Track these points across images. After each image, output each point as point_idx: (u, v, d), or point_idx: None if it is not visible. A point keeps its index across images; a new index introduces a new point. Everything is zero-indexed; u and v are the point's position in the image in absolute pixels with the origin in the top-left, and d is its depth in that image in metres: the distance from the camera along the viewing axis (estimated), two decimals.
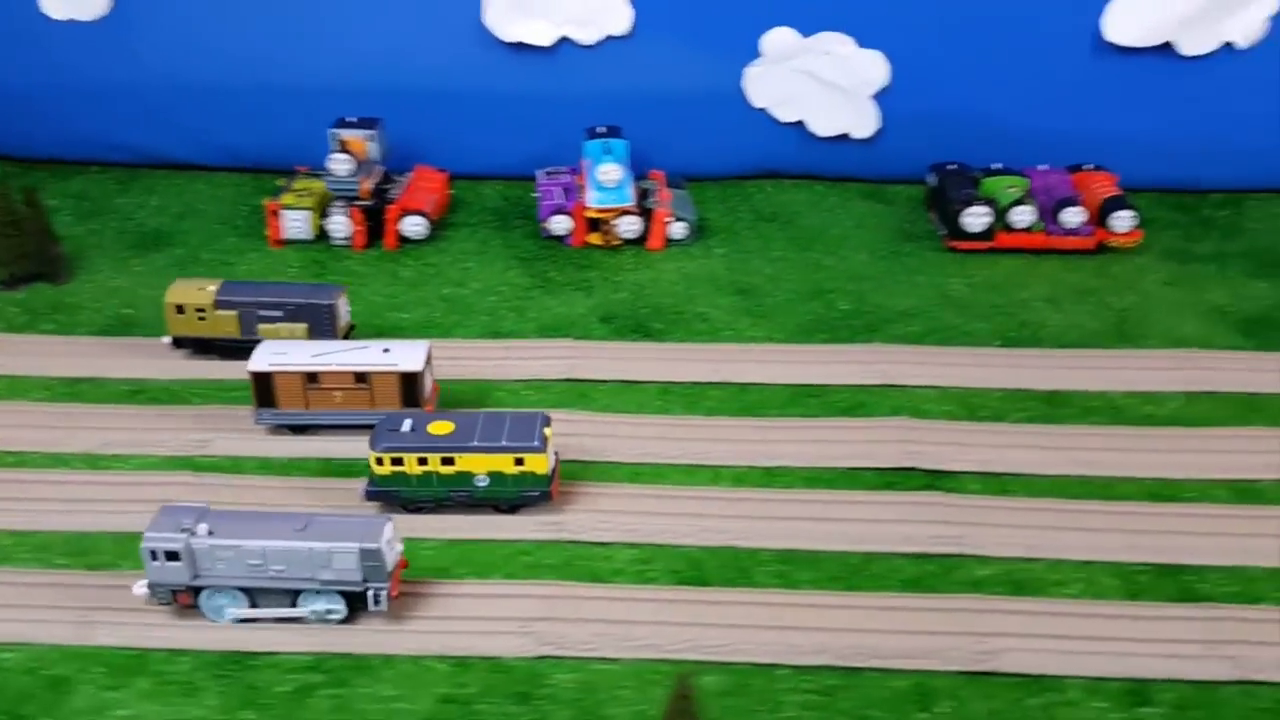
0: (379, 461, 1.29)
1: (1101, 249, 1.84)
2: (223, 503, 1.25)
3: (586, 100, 1.99)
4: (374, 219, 1.87)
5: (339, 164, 1.82)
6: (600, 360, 1.57)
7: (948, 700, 1.10)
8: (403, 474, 1.28)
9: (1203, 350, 1.59)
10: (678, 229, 1.89)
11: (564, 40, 1.97)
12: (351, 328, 1.64)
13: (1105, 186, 1.89)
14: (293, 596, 1.14)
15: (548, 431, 1.29)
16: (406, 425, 1.30)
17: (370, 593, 1.13)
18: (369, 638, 1.13)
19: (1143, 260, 1.83)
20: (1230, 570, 1.22)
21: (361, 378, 1.40)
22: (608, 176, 1.85)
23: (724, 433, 1.45)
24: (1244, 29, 1.88)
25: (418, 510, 1.30)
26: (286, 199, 1.87)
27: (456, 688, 1.10)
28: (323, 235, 1.88)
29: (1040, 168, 1.94)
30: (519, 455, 1.27)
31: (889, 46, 1.94)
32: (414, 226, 1.87)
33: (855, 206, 2.02)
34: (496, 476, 1.27)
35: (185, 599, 1.15)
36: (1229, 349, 1.59)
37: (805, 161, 2.09)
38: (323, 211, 1.87)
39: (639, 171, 2.00)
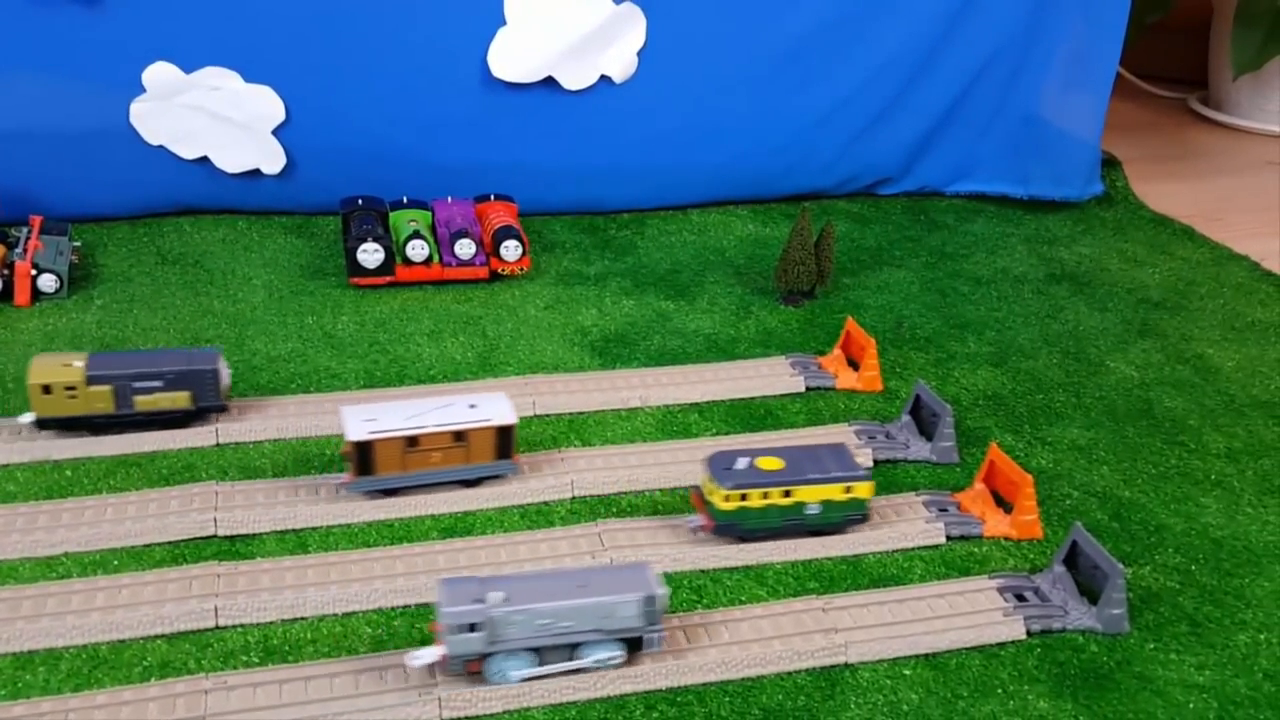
0: (726, 499, 1.29)
1: (496, 277, 1.87)
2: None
3: None
4: None
5: None
6: None
7: None
8: (745, 508, 1.29)
9: (549, 375, 1.61)
10: (47, 282, 1.71)
11: None
12: (228, 390, 1.45)
13: (501, 216, 1.90)
14: (573, 649, 1.14)
15: (860, 459, 1.39)
16: (742, 463, 1.32)
17: (648, 636, 1.14)
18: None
19: (534, 286, 1.86)
20: None
21: (460, 436, 1.36)
22: None
23: (21, 521, 1.28)
24: (618, 64, 1.97)
25: (753, 539, 1.33)
26: None
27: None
28: None
29: (447, 199, 1.95)
30: (849, 483, 1.32)
31: (277, 81, 1.86)
32: None
33: (274, 242, 1.94)
34: (827, 504, 1.32)
35: (475, 666, 1.12)
36: (579, 370, 1.63)
37: (222, 197, 1.98)
38: None
39: (20, 217, 1.81)
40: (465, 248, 1.83)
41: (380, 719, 1.07)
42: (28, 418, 1.42)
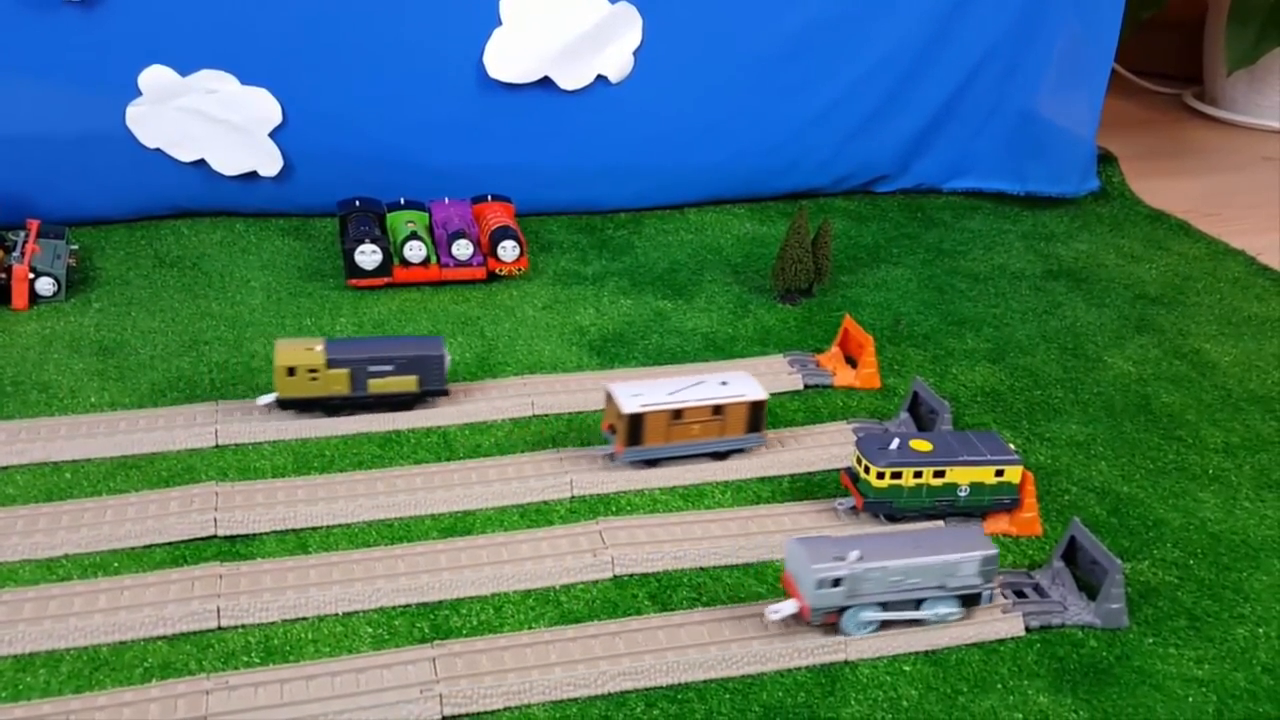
0: (880, 476, 1.33)
1: (494, 278, 1.87)
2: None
3: None
4: None
5: None
6: None
7: None
8: (898, 487, 1.33)
9: (547, 374, 1.62)
10: (44, 285, 1.71)
11: None
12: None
13: (499, 217, 1.91)
14: (916, 604, 1.22)
15: (1012, 445, 1.41)
16: (894, 444, 1.36)
17: (984, 593, 1.22)
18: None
19: (531, 286, 1.87)
20: (487, 599, 1.23)
21: (718, 410, 1.43)
22: None
23: (21, 523, 1.29)
24: (614, 64, 1.97)
25: (901, 519, 1.36)
26: None
27: None
28: None
29: (444, 200, 1.96)
30: (1000, 467, 1.34)
31: (273, 84, 1.86)
32: None
33: (272, 244, 1.95)
34: (976, 486, 1.35)
35: (832, 618, 1.20)
36: (577, 369, 1.64)
37: (219, 199, 1.98)
38: None
39: (18, 221, 1.81)
40: (463, 248, 1.84)
41: (381, 717, 1.08)
42: (269, 398, 1.50)
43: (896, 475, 1.32)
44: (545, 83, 1.96)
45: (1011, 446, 1.37)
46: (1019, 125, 2.19)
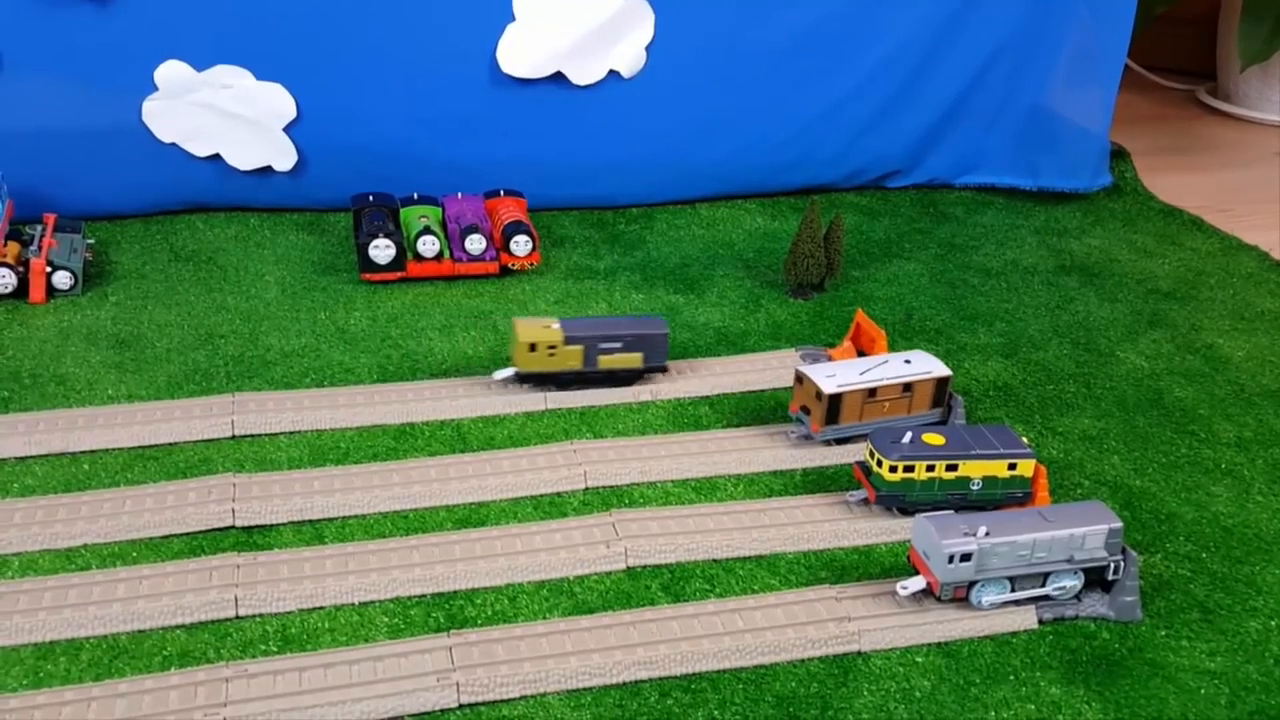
0: (893, 469, 1.35)
1: (507, 272, 1.89)
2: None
3: None
4: None
5: None
6: None
7: None
8: (910, 480, 1.35)
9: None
10: (61, 279, 1.73)
11: None
12: None
13: (511, 211, 1.92)
14: (1042, 578, 1.25)
15: (1025, 439, 1.42)
16: (907, 438, 1.37)
17: (1110, 565, 1.24)
18: None
19: (544, 281, 1.88)
20: (501, 590, 1.24)
21: (907, 387, 1.49)
22: None
23: (41, 513, 1.30)
24: (626, 60, 1.98)
25: (914, 512, 1.36)
26: None
27: None
28: None
29: (457, 195, 1.96)
30: (1013, 461, 1.36)
31: (288, 79, 1.87)
32: None
33: (286, 239, 1.96)
34: (989, 480, 1.36)
35: (961, 593, 1.24)
36: None
37: (234, 194, 1.99)
38: None
39: (35, 215, 1.84)
40: (476, 243, 1.85)
41: (399, 704, 1.09)
42: (507, 372, 1.57)
43: (909, 469, 1.33)
44: (558, 78, 1.97)
45: (1024, 440, 1.38)
46: (1031, 120, 2.19)
